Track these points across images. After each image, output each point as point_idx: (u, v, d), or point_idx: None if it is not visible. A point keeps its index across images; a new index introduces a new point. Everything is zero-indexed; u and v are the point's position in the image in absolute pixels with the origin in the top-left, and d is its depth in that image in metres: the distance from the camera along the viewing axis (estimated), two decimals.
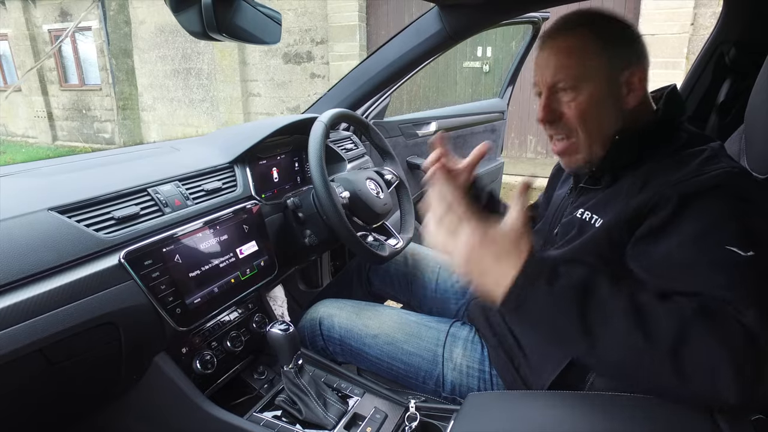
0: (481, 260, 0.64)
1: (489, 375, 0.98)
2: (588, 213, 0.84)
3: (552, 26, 0.86)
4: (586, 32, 0.81)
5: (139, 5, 8.19)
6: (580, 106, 0.81)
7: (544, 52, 0.84)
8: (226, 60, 7.50)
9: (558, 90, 0.83)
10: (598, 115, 0.82)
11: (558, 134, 0.86)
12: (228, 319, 1.07)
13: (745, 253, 0.62)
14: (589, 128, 0.83)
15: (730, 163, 0.74)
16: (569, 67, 0.81)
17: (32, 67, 8.92)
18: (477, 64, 5.98)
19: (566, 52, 0.81)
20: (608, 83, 0.81)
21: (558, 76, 0.82)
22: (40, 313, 0.69)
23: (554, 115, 0.84)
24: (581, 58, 0.80)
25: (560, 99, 0.83)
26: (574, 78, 0.81)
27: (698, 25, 4.89)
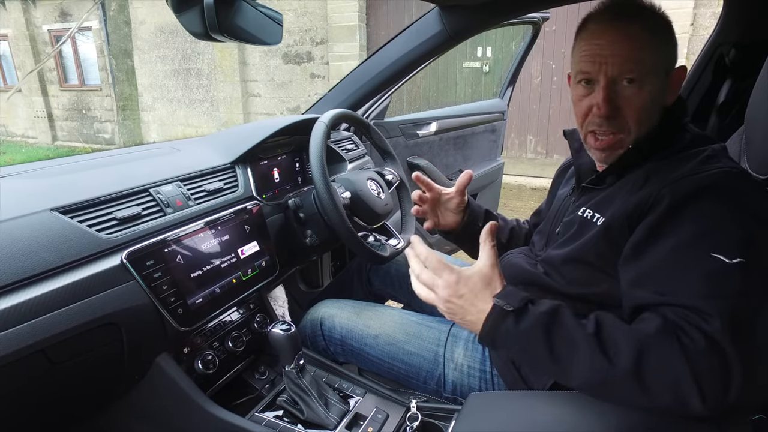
0: (459, 301, 0.72)
1: (490, 375, 0.98)
2: (590, 211, 0.84)
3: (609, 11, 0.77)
4: (649, 21, 0.76)
5: (139, 6, 8.19)
6: (644, 102, 0.76)
7: (605, 37, 0.76)
8: (226, 60, 7.50)
9: (619, 82, 0.76)
10: (652, 112, 0.79)
11: (609, 130, 0.80)
12: (229, 320, 1.07)
13: (730, 260, 0.62)
14: (643, 126, 0.79)
15: (729, 163, 0.73)
16: (641, 59, 0.74)
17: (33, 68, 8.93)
18: (477, 65, 5.98)
19: (635, 41, 0.74)
20: (665, 79, 0.78)
21: (625, 67, 0.75)
22: (42, 314, 0.69)
23: (615, 109, 0.77)
24: (648, 49, 0.75)
25: (620, 92, 0.77)
26: (643, 71, 0.75)
27: (698, 25, 4.90)
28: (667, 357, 0.60)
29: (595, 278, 0.81)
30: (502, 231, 1.17)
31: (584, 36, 0.80)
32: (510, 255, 1.05)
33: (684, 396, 0.58)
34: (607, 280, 0.79)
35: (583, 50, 0.79)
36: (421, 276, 0.75)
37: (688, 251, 0.66)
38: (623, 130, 0.79)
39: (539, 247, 1.00)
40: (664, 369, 0.59)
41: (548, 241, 0.97)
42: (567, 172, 1.08)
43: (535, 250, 1.02)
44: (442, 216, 1.17)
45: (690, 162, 0.74)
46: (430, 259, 0.74)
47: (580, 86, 0.82)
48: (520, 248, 1.09)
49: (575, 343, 0.65)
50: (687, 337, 0.60)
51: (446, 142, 2.23)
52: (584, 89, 0.81)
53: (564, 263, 0.86)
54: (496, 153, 2.55)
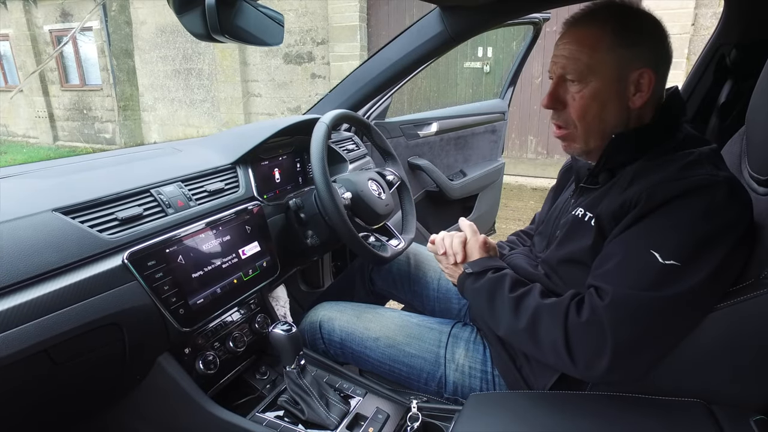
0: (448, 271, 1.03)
1: (491, 376, 0.98)
2: (581, 210, 0.86)
3: (577, 13, 0.85)
4: (605, 25, 0.80)
5: (140, 6, 8.20)
6: (582, 99, 0.82)
7: (563, 39, 0.85)
8: (227, 60, 7.50)
9: (567, 80, 0.83)
10: (598, 110, 0.82)
11: (557, 122, 0.88)
12: (231, 320, 1.07)
13: (662, 260, 0.69)
14: (588, 123, 0.84)
15: (712, 170, 0.73)
16: (580, 60, 0.81)
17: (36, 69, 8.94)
18: (478, 65, 5.98)
19: (580, 43, 0.81)
20: (615, 81, 0.80)
21: (568, 66, 0.82)
22: (44, 314, 0.69)
23: (558, 103, 0.85)
24: (593, 52, 0.80)
25: (567, 89, 0.84)
26: (582, 71, 0.81)
27: (699, 25, 4.89)
28: (551, 325, 0.77)
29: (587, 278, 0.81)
30: None
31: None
32: (512, 256, 1.05)
33: (560, 357, 0.76)
34: None
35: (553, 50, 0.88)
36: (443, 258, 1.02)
37: (630, 244, 0.74)
38: (569, 124, 0.86)
39: (540, 248, 1.01)
40: (546, 333, 0.78)
41: (549, 243, 0.97)
42: (569, 176, 1.08)
43: (536, 251, 1.03)
44: None
45: (674, 166, 0.75)
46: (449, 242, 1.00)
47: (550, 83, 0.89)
48: (522, 249, 1.09)
49: (502, 302, 0.86)
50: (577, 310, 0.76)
51: (447, 142, 2.24)
52: None
53: (560, 264, 0.87)
54: (497, 153, 2.55)
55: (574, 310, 0.76)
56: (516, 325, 0.82)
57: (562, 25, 0.87)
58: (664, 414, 0.72)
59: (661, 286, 0.69)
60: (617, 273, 0.73)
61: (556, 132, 0.90)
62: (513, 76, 2.48)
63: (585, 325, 0.73)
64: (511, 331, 0.84)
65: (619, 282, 0.72)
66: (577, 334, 0.74)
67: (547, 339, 0.77)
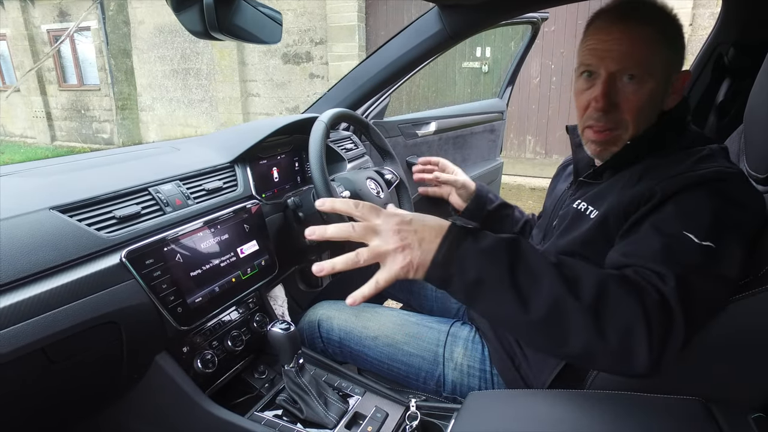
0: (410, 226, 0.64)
1: (490, 374, 0.98)
2: (584, 204, 0.85)
3: (617, 7, 0.80)
4: (655, 24, 0.78)
5: (138, 5, 8.18)
6: (641, 100, 0.78)
7: (611, 34, 0.78)
8: (225, 60, 7.50)
9: (619, 78, 0.79)
10: (649, 111, 0.80)
11: (606, 125, 0.82)
12: (229, 319, 1.07)
13: (699, 241, 0.64)
14: (639, 123, 0.81)
15: (725, 163, 0.74)
16: (641, 58, 0.77)
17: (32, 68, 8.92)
18: (476, 65, 5.99)
19: (638, 39, 0.77)
20: (664, 81, 0.79)
21: (627, 65, 0.77)
22: (41, 312, 0.69)
23: (611, 104, 0.80)
24: (652, 50, 0.77)
25: (619, 88, 0.79)
26: (644, 69, 0.77)
27: (697, 25, 4.90)
28: (626, 298, 0.59)
29: None
30: (516, 224, 1.26)
31: (591, 31, 0.82)
32: None
33: (633, 341, 0.58)
34: None
35: (588, 44, 0.81)
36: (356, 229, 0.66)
37: (661, 226, 0.68)
38: (619, 126, 0.81)
39: (537, 241, 1.01)
40: (621, 308, 0.59)
41: (545, 235, 0.97)
42: (566, 170, 1.08)
43: (533, 243, 1.03)
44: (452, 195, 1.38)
45: (686, 161, 0.75)
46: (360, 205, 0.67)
47: (582, 79, 0.83)
48: None
49: (538, 269, 0.62)
50: (643, 290, 0.60)
51: (445, 141, 2.23)
52: (585, 82, 0.82)
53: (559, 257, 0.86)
54: (495, 153, 2.55)
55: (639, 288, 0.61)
56: (570, 301, 0.59)
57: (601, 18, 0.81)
58: (662, 412, 0.72)
59: (707, 266, 0.63)
60: (665, 254, 0.64)
61: (601, 136, 0.83)
62: (511, 75, 2.48)
63: (659, 307, 0.59)
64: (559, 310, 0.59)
65: (670, 263, 0.63)
66: (654, 316, 0.58)
67: (620, 319, 0.59)
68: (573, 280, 0.61)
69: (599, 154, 0.86)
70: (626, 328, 0.58)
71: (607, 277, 0.62)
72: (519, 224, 1.25)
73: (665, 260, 0.63)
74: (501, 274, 0.61)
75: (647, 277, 0.62)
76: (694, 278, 0.62)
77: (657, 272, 0.62)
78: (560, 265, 0.63)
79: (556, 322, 0.60)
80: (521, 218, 1.26)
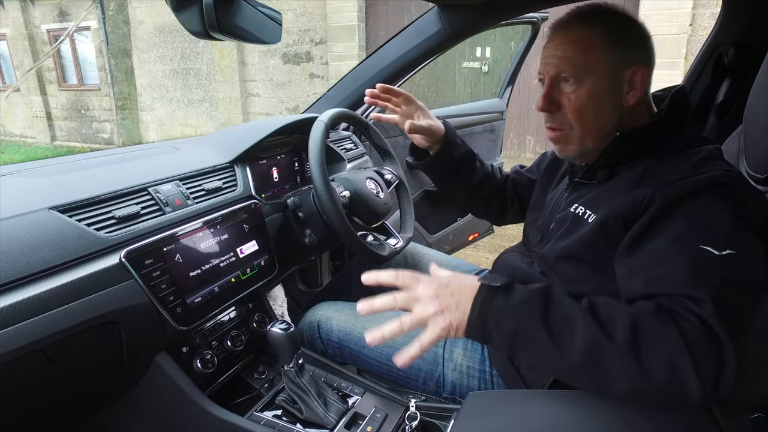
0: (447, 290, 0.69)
1: (489, 375, 0.98)
2: (581, 208, 0.85)
3: (564, 17, 0.86)
4: (596, 26, 0.81)
5: (138, 5, 8.18)
6: (579, 99, 0.82)
7: (553, 41, 0.84)
8: (225, 60, 7.50)
9: (560, 81, 0.84)
10: (595, 110, 0.83)
11: (553, 124, 0.87)
12: (228, 319, 1.07)
13: (719, 252, 0.64)
14: (584, 122, 0.84)
15: (725, 166, 0.74)
16: (574, 60, 0.81)
17: (32, 67, 8.92)
18: (476, 65, 5.99)
19: (573, 44, 0.82)
20: (610, 80, 0.81)
21: (562, 67, 0.82)
22: (41, 312, 0.69)
23: (553, 105, 0.85)
24: (588, 51, 0.81)
25: (561, 90, 0.84)
26: (578, 71, 0.81)
27: (697, 25, 4.90)
28: (663, 331, 0.59)
29: (588, 275, 0.81)
30: (476, 173, 1.22)
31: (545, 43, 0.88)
32: (505, 255, 1.05)
33: (680, 373, 0.57)
34: (600, 277, 0.79)
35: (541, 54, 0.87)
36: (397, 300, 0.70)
37: (677, 245, 0.67)
38: (565, 125, 0.85)
39: (534, 242, 1.01)
40: (660, 343, 0.59)
41: (543, 238, 0.97)
42: (560, 167, 1.08)
43: (531, 246, 1.02)
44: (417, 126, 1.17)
45: (685, 164, 0.75)
46: (401, 274, 0.72)
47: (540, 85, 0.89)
48: (515, 247, 1.09)
49: (571, 316, 0.63)
50: (682, 318, 0.60)
51: None
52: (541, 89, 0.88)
53: (558, 260, 0.86)
54: (495, 153, 2.55)
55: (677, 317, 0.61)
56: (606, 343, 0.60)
57: (549, 30, 0.87)
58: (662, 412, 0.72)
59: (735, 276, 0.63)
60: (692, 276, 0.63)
61: (551, 134, 0.89)
62: (511, 75, 2.48)
63: (702, 334, 0.58)
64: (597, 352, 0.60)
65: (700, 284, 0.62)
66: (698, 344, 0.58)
67: (662, 354, 0.58)
68: (606, 322, 0.62)
69: (559, 152, 0.91)
70: (669, 362, 0.58)
71: (641, 313, 0.62)
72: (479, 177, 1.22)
73: (694, 283, 0.63)
74: (535, 324, 0.64)
75: (682, 305, 0.62)
76: (728, 293, 0.62)
77: (690, 297, 0.62)
78: (593, 307, 0.64)
79: (596, 365, 0.61)
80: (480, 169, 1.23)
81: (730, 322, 0.59)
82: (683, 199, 0.70)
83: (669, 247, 0.68)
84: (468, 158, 1.22)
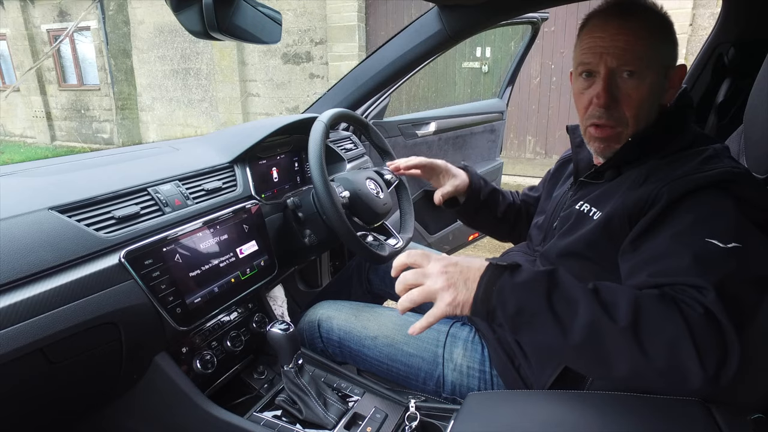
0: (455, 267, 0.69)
1: (489, 375, 0.98)
2: (587, 205, 0.85)
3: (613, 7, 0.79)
4: (651, 18, 0.78)
5: (138, 5, 8.18)
6: (641, 95, 0.78)
7: (608, 30, 0.78)
8: (225, 60, 7.49)
9: (618, 74, 0.78)
10: (649, 107, 0.80)
11: (608, 121, 0.81)
12: (228, 319, 1.07)
13: (724, 245, 0.63)
14: (639, 120, 0.80)
15: (731, 163, 0.74)
16: (639, 53, 0.76)
17: (31, 67, 8.92)
18: (476, 65, 5.98)
19: (635, 34, 0.76)
20: (663, 76, 0.79)
21: (626, 59, 0.77)
22: (40, 313, 0.69)
23: (613, 100, 0.79)
24: (650, 44, 0.77)
25: (619, 84, 0.79)
26: (643, 64, 0.77)
27: (697, 25, 4.90)
28: (666, 315, 0.59)
29: (591, 273, 0.81)
30: (500, 206, 1.22)
31: (586, 31, 0.82)
32: (508, 254, 1.05)
33: (682, 358, 0.57)
34: (603, 274, 0.79)
35: (584, 43, 0.81)
36: (407, 278, 0.72)
37: (682, 238, 0.67)
38: (621, 122, 0.81)
39: (537, 242, 1.01)
40: (662, 327, 0.59)
41: (546, 236, 0.97)
42: (566, 169, 1.08)
43: (533, 245, 1.02)
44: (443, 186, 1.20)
45: (691, 161, 0.75)
46: (413, 253, 0.73)
47: (581, 79, 0.83)
48: (518, 245, 1.09)
49: (574, 298, 0.63)
50: (685, 305, 0.60)
51: (445, 142, 2.23)
52: (585, 82, 0.83)
53: (560, 257, 0.86)
54: (495, 153, 2.55)
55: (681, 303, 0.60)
56: (608, 324, 0.60)
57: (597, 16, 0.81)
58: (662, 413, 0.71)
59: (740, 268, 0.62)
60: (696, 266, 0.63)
61: (602, 132, 0.82)
62: (511, 75, 2.48)
63: (705, 321, 0.58)
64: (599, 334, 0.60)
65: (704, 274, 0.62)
66: (701, 329, 0.57)
67: (663, 338, 0.58)
68: (609, 304, 0.62)
69: (602, 151, 0.86)
70: (670, 345, 0.58)
71: (644, 296, 0.62)
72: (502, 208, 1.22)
73: (699, 272, 0.62)
74: (538, 302, 0.64)
75: (687, 292, 0.62)
76: (733, 284, 0.61)
77: (695, 286, 0.62)
78: (597, 290, 0.64)
79: (596, 345, 0.61)
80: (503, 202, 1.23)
81: (734, 312, 0.59)
82: (689, 194, 0.69)
83: (674, 240, 0.67)
84: (493, 195, 1.22)
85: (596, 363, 0.63)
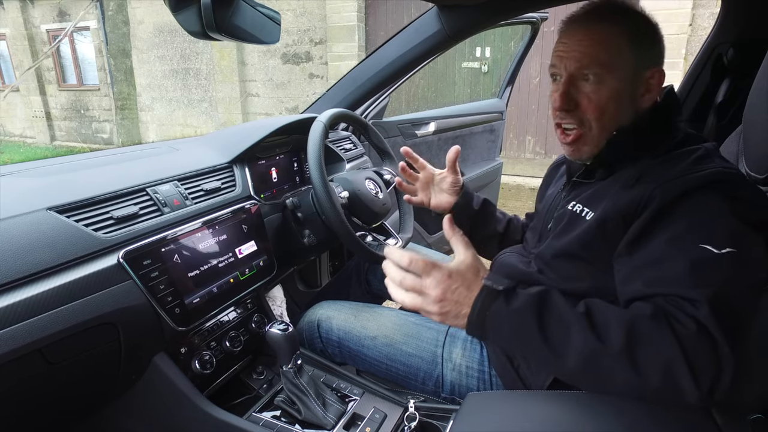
0: (454, 296, 0.69)
1: (488, 375, 0.98)
2: (579, 206, 0.85)
3: (582, 12, 0.82)
4: (619, 24, 0.79)
5: (137, 5, 8.18)
6: (600, 98, 0.80)
7: (572, 36, 0.81)
8: (225, 60, 7.49)
9: (580, 78, 0.81)
10: (614, 110, 0.81)
11: (570, 123, 0.84)
12: (227, 319, 1.07)
13: (719, 251, 0.64)
14: (604, 122, 0.81)
15: (722, 163, 0.74)
16: (598, 58, 0.78)
17: (30, 67, 8.91)
18: (476, 65, 5.98)
19: (597, 41, 0.79)
20: (631, 80, 0.80)
21: (584, 64, 0.79)
22: (38, 313, 0.69)
23: (571, 103, 0.82)
24: (612, 50, 0.78)
25: (580, 88, 0.81)
26: (602, 69, 0.78)
27: (696, 25, 4.90)
28: (659, 337, 0.60)
29: (586, 273, 0.81)
30: (499, 223, 1.19)
31: (558, 37, 0.85)
32: (503, 255, 1.05)
33: (676, 378, 0.58)
34: (597, 274, 0.79)
35: (555, 48, 0.84)
36: (405, 282, 0.72)
37: (676, 243, 0.67)
38: (583, 124, 0.83)
39: (532, 244, 1.01)
40: (655, 348, 0.60)
41: (540, 237, 0.97)
42: (559, 170, 1.08)
43: (528, 247, 1.02)
44: (435, 196, 1.17)
45: (683, 162, 0.75)
46: (416, 261, 0.72)
47: (552, 82, 0.86)
48: (513, 247, 1.09)
49: (567, 322, 0.64)
50: (678, 322, 0.61)
51: (445, 142, 2.23)
52: (553, 85, 0.86)
53: (555, 258, 0.86)
54: (495, 153, 2.55)
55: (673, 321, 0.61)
56: (601, 348, 0.61)
57: (566, 23, 0.84)
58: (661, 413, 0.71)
59: (735, 276, 0.63)
60: (690, 276, 0.63)
61: (565, 137, 0.85)
62: (511, 75, 2.48)
63: (697, 336, 0.59)
64: (593, 358, 0.62)
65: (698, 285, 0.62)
66: (694, 348, 0.58)
67: (657, 359, 0.59)
68: (601, 326, 0.63)
69: (571, 154, 0.88)
70: (664, 365, 0.59)
71: (637, 318, 0.63)
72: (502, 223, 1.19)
73: (692, 283, 0.63)
74: (531, 329, 0.65)
75: (679, 307, 0.62)
76: (727, 293, 0.62)
77: (687, 299, 0.62)
78: (589, 312, 0.65)
79: (592, 370, 0.63)
80: (503, 218, 1.20)
81: (728, 324, 0.59)
82: (682, 196, 0.70)
83: (668, 246, 0.68)
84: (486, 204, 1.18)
85: (591, 383, 0.65)
